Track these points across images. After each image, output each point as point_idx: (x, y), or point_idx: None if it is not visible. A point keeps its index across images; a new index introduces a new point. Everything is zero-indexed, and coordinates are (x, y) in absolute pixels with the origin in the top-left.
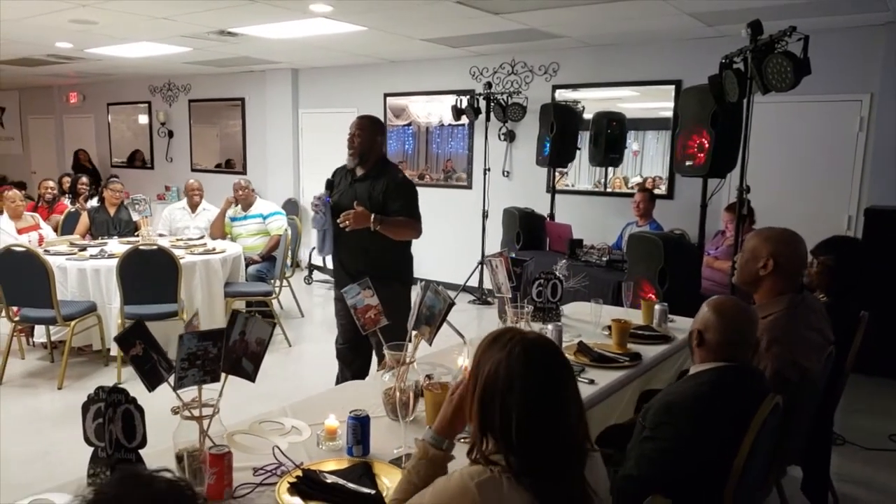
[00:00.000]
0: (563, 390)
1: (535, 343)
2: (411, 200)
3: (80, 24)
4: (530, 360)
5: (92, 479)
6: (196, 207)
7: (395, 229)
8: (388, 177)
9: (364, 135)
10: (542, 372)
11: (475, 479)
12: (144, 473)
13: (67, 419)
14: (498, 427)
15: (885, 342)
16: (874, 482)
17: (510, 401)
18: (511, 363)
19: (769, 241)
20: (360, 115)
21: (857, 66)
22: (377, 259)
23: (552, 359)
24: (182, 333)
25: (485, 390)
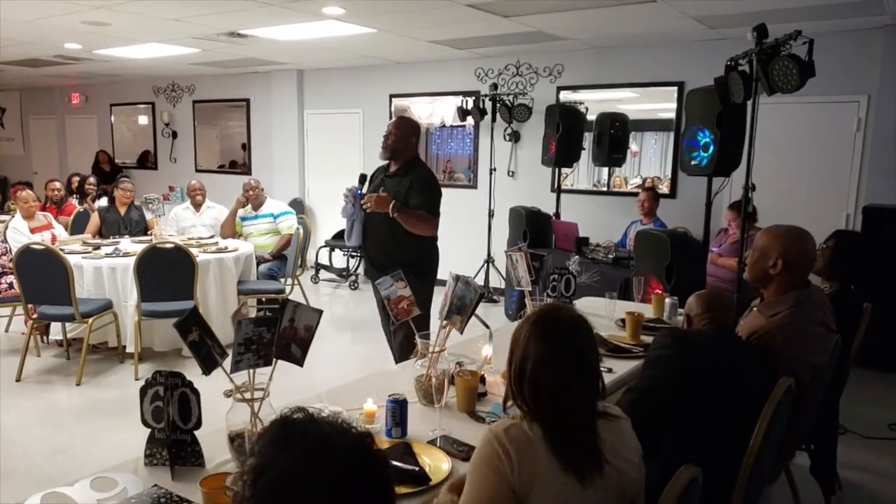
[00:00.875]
0: (577, 355)
1: (558, 316)
2: (432, 197)
3: (93, 26)
4: (551, 330)
5: (149, 460)
6: (199, 206)
7: (411, 220)
8: (415, 174)
9: (399, 133)
10: (559, 341)
11: (501, 428)
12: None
13: (87, 414)
14: (521, 382)
15: (884, 337)
16: (875, 469)
17: (523, 360)
18: (534, 329)
19: (778, 239)
20: (399, 117)
21: (855, 69)
22: (397, 251)
23: (571, 331)
24: (240, 319)
25: (513, 352)
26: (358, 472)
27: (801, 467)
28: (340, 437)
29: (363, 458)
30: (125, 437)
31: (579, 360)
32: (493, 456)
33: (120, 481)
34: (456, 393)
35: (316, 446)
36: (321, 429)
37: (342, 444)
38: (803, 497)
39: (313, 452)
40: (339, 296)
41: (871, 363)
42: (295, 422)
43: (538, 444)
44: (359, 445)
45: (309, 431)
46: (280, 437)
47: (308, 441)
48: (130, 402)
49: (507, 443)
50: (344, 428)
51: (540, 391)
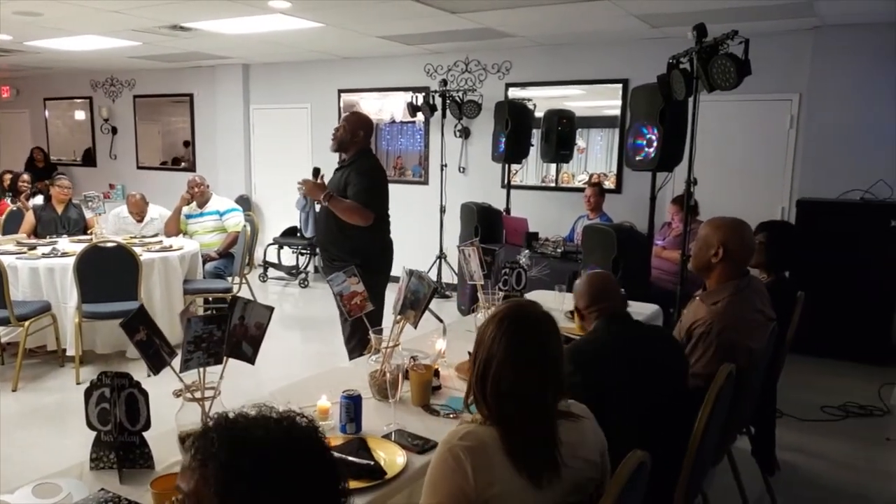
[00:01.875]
0: (539, 355)
1: (525, 314)
2: (366, 188)
3: (24, 16)
4: (517, 327)
5: (94, 464)
6: (142, 218)
7: (342, 210)
8: (355, 165)
9: (346, 126)
10: (523, 336)
11: (456, 437)
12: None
13: (25, 420)
14: (484, 381)
15: (816, 324)
16: (810, 449)
17: (490, 361)
18: (499, 329)
19: (720, 229)
20: (350, 112)
21: (787, 68)
22: (344, 243)
23: (533, 325)
24: (189, 317)
25: (477, 349)
26: (306, 468)
27: (741, 450)
28: (288, 434)
29: (310, 454)
30: (66, 443)
31: (544, 359)
32: (448, 471)
33: (64, 487)
34: (410, 387)
35: (262, 447)
36: (267, 428)
37: (290, 440)
38: (744, 478)
39: (264, 454)
40: (288, 294)
41: (804, 349)
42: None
43: (493, 448)
44: (306, 441)
45: (255, 433)
46: (227, 440)
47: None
48: (71, 406)
49: (462, 455)
50: (290, 426)
51: (502, 391)
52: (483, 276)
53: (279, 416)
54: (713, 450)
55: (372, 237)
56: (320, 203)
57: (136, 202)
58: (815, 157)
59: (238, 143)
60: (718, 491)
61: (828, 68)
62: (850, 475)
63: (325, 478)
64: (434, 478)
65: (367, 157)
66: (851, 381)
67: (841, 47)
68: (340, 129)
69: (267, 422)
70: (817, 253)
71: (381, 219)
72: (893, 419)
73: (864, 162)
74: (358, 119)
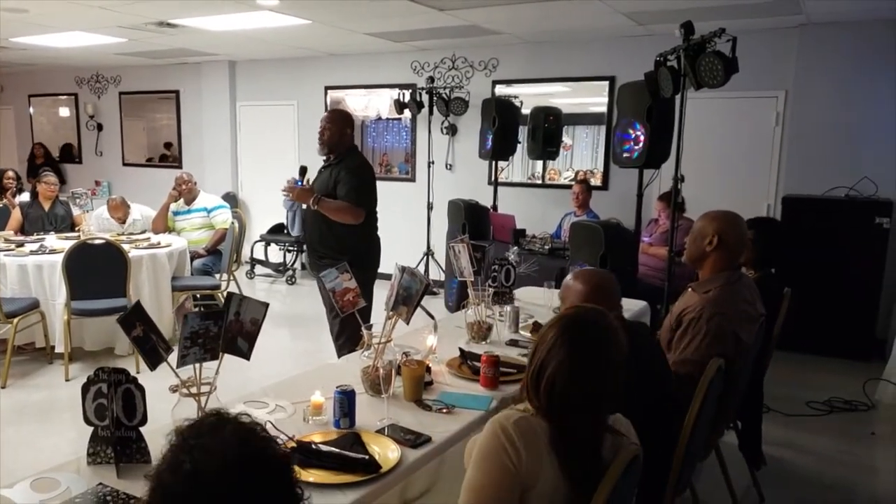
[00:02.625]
0: (599, 366)
1: (586, 323)
2: (356, 186)
3: (10, 13)
4: (574, 336)
5: (92, 458)
6: (125, 220)
7: (332, 211)
8: (344, 164)
9: (333, 128)
10: (582, 347)
11: (510, 419)
12: (228, 415)
13: (15, 417)
14: (544, 380)
15: (801, 320)
16: (795, 444)
17: (545, 361)
18: (566, 336)
19: (715, 220)
20: (331, 110)
21: (773, 65)
22: (331, 240)
23: (599, 340)
24: (186, 313)
25: (541, 350)
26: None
27: (729, 445)
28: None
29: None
30: (56, 440)
31: (604, 373)
32: (500, 450)
33: (62, 481)
34: (403, 382)
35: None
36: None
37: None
38: (731, 473)
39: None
40: (275, 291)
41: (789, 345)
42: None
43: (544, 441)
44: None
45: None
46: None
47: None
48: (60, 403)
49: (515, 436)
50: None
51: (555, 395)
52: (473, 273)
53: (235, 430)
54: (702, 444)
55: (360, 234)
56: (310, 207)
57: (117, 206)
58: (801, 155)
59: (224, 140)
60: (706, 485)
61: (813, 66)
62: (835, 469)
63: (285, 494)
64: (482, 455)
65: (354, 155)
66: (836, 376)
67: (826, 45)
68: (326, 131)
69: (223, 442)
70: (802, 249)
71: (369, 215)
72: (878, 414)
73: (849, 159)
74: (342, 117)
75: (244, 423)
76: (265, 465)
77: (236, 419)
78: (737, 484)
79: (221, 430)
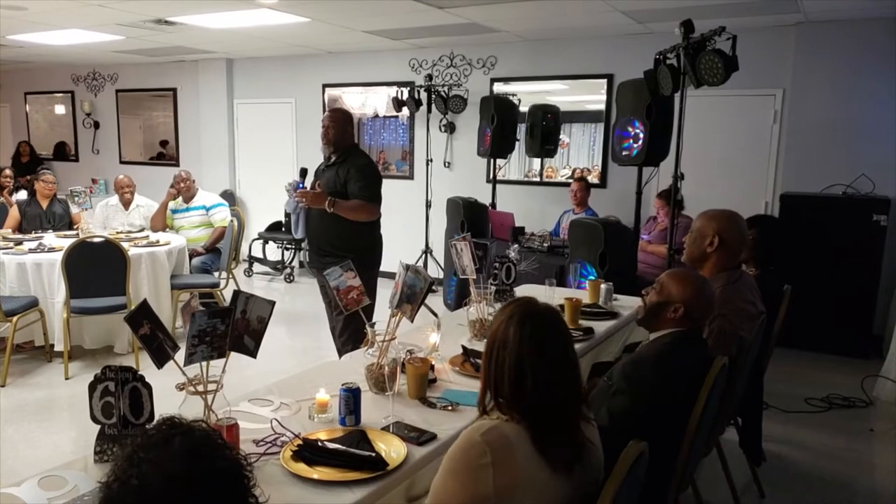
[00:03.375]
0: (567, 352)
1: (547, 317)
2: (369, 183)
3: (8, 10)
4: (543, 332)
5: (99, 457)
6: (129, 205)
7: (349, 211)
8: (351, 161)
9: (337, 126)
10: (553, 337)
11: (479, 431)
12: (182, 421)
13: (14, 416)
14: (512, 383)
15: (799, 317)
16: (794, 440)
17: (522, 360)
18: (524, 331)
19: (714, 219)
20: (331, 109)
21: (771, 63)
22: (337, 239)
23: (559, 326)
24: (194, 311)
25: (501, 351)
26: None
27: (729, 441)
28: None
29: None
30: (56, 438)
31: (568, 351)
32: (470, 466)
33: (70, 479)
34: (407, 380)
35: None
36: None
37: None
38: (732, 469)
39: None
40: (274, 289)
41: (788, 342)
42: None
43: (518, 445)
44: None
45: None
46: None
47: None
48: (60, 402)
49: (486, 450)
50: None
51: (531, 390)
52: (475, 271)
53: (184, 440)
54: (705, 440)
55: (365, 232)
56: (328, 210)
57: (126, 182)
58: (799, 152)
59: (222, 138)
60: (707, 481)
61: (811, 64)
62: (834, 465)
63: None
64: (451, 471)
65: (359, 152)
66: (835, 373)
67: (824, 43)
68: (330, 130)
69: (171, 454)
70: (800, 247)
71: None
72: (876, 411)
73: (847, 157)
74: (343, 115)
75: (195, 434)
76: (212, 479)
77: (188, 430)
78: (737, 480)
79: (170, 443)
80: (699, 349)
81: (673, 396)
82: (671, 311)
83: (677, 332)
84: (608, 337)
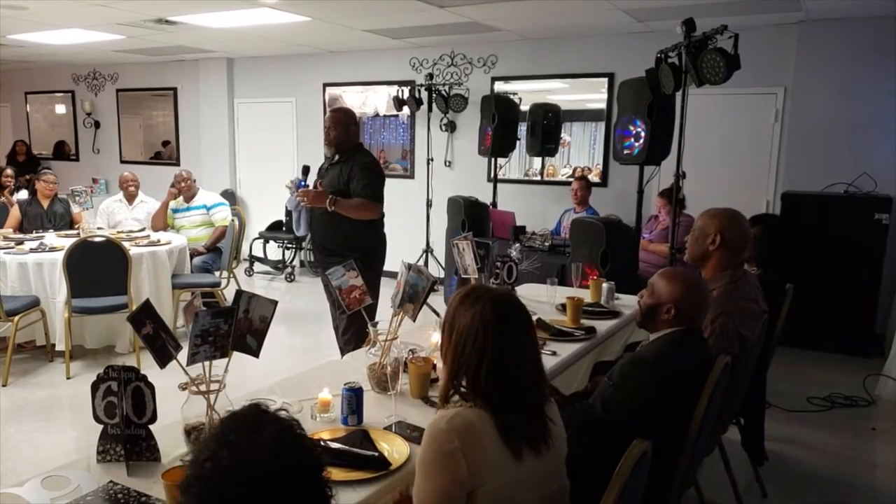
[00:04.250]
0: (526, 334)
1: (501, 297)
2: (371, 182)
3: (9, 10)
4: (500, 311)
5: (102, 456)
6: (133, 199)
7: (350, 209)
8: (354, 160)
9: (339, 127)
10: (511, 319)
11: (444, 420)
12: (269, 409)
13: (16, 416)
14: (472, 369)
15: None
16: (797, 440)
17: (483, 345)
18: (484, 315)
19: (716, 218)
20: (333, 109)
21: (772, 62)
22: (341, 239)
23: (517, 309)
24: (197, 311)
25: (460, 338)
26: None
27: (731, 441)
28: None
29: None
30: (58, 437)
31: (529, 331)
32: (439, 454)
33: (73, 479)
34: (409, 379)
35: (279, 437)
36: (263, 449)
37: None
38: (734, 469)
39: (277, 443)
40: (274, 288)
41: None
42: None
43: (483, 429)
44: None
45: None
46: (248, 427)
47: (271, 432)
48: (61, 402)
49: (452, 436)
50: (284, 439)
51: (490, 374)
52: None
53: (274, 427)
54: (707, 439)
55: (368, 231)
56: (329, 208)
57: (131, 178)
58: (800, 151)
59: (222, 138)
60: (709, 480)
61: (813, 62)
62: (836, 464)
63: (316, 492)
64: (425, 463)
65: (363, 151)
66: (837, 372)
67: (825, 41)
68: (332, 130)
69: (262, 439)
70: (802, 246)
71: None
72: (878, 409)
73: (849, 155)
74: (346, 115)
75: (283, 423)
76: (300, 469)
77: (276, 419)
78: (739, 479)
79: (261, 429)
80: (700, 349)
81: (674, 396)
82: (664, 312)
83: (676, 331)
84: (610, 336)
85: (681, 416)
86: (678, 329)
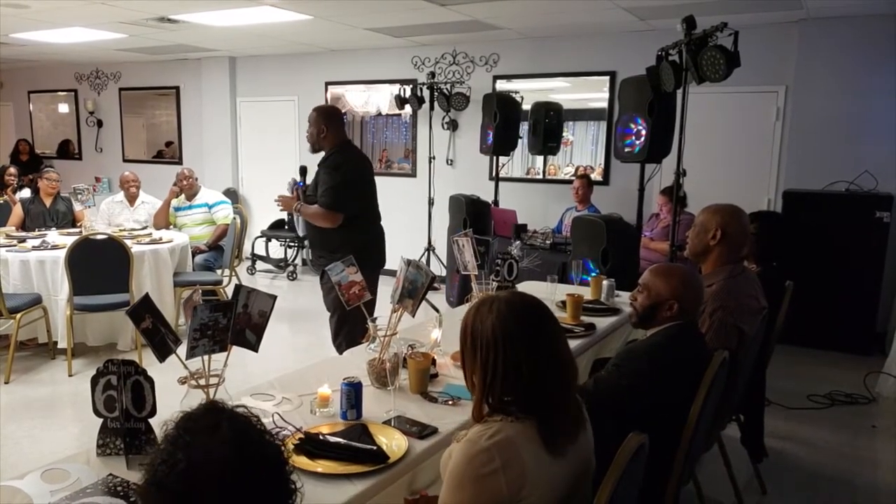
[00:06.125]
0: (555, 333)
1: (516, 299)
2: (329, 189)
3: (11, 8)
4: (518, 314)
5: (101, 450)
6: (134, 200)
7: (310, 216)
8: (326, 163)
9: (312, 128)
10: (534, 320)
11: (484, 437)
12: (225, 406)
13: (18, 412)
14: (506, 379)
15: (801, 314)
16: (796, 437)
17: (516, 354)
18: (504, 322)
19: (717, 213)
20: (312, 109)
21: (774, 60)
22: (324, 241)
23: (537, 308)
24: (196, 305)
25: (486, 352)
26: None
27: (731, 438)
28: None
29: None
30: (59, 434)
31: (558, 333)
32: (478, 475)
33: (72, 472)
34: (409, 375)
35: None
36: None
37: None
38: (734, 465)
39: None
40: (276, 287)
41: (790, 338)
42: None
43: (523, 442)
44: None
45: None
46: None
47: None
48: (63, 399)
49: (493, 454)
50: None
51: (537, 379)
52: (477, 267)
53: (231, 425)
54: (706, 435)
55: (345, 235)
56: (294, 214)
57: (132, 178)
58: (801, 149)
59: (225, 136)
60: (709, 477)
61: (814, 61)
62: (836, 462)
63: (280, 487)
64: (461, 480)
65: (339, 152)
66: (837, 369)
67: (827, 40)
68: (307, 132)
69: (221, 437)
70: (803, 243)
71: (356, 217)
72: (878, 407)
73: (850, 153)
74: (322, 114)
75: (241, 419)
76: (260, 466)
77: (232, 415)
78: (739, 476)
79: (218, 427)
80: (696, 343)
81: (665, 388)
82: (665, 309)
83: (673, 325)
84: (610, 333)
85: (675, 411)
86: (676, 324)
